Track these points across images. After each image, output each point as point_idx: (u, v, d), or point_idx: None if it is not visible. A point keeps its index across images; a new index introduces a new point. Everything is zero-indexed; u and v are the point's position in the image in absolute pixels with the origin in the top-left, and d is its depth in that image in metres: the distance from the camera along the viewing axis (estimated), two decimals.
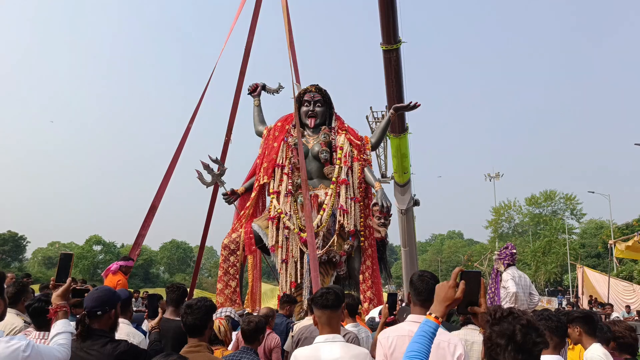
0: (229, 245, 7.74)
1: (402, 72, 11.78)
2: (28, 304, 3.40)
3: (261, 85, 8.93)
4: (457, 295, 1.92)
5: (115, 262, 6.94)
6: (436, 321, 1.91)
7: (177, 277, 60.20)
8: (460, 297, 1.92)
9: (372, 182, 7.72)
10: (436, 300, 1.95)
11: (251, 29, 8.90)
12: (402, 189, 17.15)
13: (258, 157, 8.39)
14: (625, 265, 27.88)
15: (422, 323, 1.92)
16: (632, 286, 19.69)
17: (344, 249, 7.58)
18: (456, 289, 1.94)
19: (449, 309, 1.93)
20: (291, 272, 7.46)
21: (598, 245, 42.21)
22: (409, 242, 19.24)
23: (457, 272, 1.96)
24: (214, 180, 8.15)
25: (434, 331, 1.89)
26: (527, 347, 1.60)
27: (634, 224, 33.59)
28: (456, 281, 1.95)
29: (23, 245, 60.91)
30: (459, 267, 2.05)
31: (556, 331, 2.94)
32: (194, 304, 3.14)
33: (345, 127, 8.28)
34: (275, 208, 7.74)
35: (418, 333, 1.89)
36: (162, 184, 7.91)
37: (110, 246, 64.34)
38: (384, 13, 10.17)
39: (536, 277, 44.14)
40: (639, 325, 10.72)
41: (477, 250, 56.25)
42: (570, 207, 56.24)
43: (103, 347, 2.63)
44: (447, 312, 1.93)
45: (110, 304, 2.80)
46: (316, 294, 3.06)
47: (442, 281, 2.06)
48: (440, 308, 1.93)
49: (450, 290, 1.93)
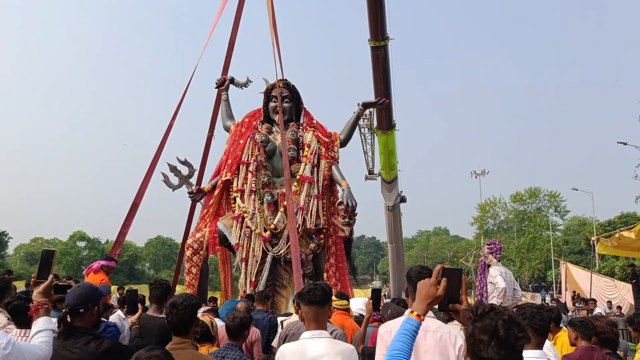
0: (192, 245, 7.65)
1: (389, 69, 11.83)
2: (8, 302, 3.34)
3: (229, 79, 8.75)
4: (439, 293, 1.93)
5: (97, 262, 6.85)
6: (418, 319, 1.92)
7: (162, 273, 59.77)
8: (441, 294, 1.92)
9: (339, 180, 7.69)
10: (418, 298, 1.95)
11: (235, 25, 8.82)
12: (389, 185, 17.23)
13: (224, 154, 8.27)
14: (607, 262, 28.35)
15: (405, 321, 1.92)
16: (614, 282, 20.03)
17: (310, 247, 7.57)
18: (438, 286, 1.95)
19: (430, 307, 1.94)
20: (251, 271, 7.45)
21: (581, 241, 42.92)
22: (395, 239, 19.34)
23: (438, 270, 1.96)
24: (181, 183, 8.01)
25: (416, 329, 1.90)
26: (509, 342, 1.61)
27: (615, 221, 34.20)
28: (438, 279, 1.95)
29: (5, 241, 59.83)
30: (441, 264, 2.05)
31: (540, 330, 2.97)
32: (180, 303, 3.08)
33: (314, 124, 8.20)
34: (239, 207, 7.70)
35: (400, 331, 1.89)
36: (143, 182, 7.83)
37: (95, 242, 63.63)
38: (372, 10, 10.19)
39: (520, 273, 44.72)
40: (619, 320, 10.95)
41: (463, 247, 56.72)
42: (554, 205, 57.06)
43: (86, 345, 2.60)
44: (428, 309, 1.94)
45: (93, 301, 2.76)
46: (303, 289, 3.05)
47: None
48: (422, 306, 1.93)
49: (432, 287, 1.94)
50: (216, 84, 8.75)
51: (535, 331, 2.95)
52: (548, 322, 3.07)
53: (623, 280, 20.49)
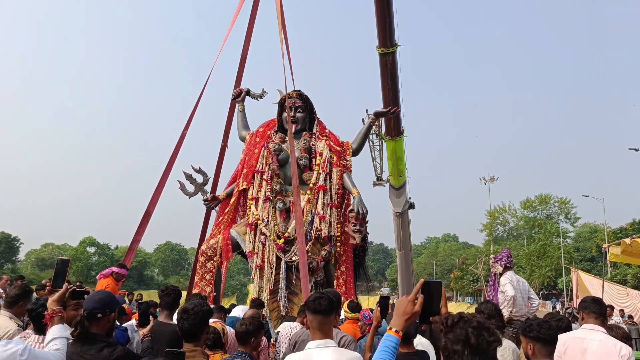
0: (206, 252, 7.76)
1: (398, 76, 11.82)
2: (30, 308, 3.39)
3: (245, 91, 8.97)
4: (416, 309, 1.94)
5: (110, 268, 6.90)
6: (397, 335, 1.93)
7: (171, 279, 59.99)
8: (418, 310, 1.93)
9: (350, 188, 7.80)
10: (395, 315, 1.97)
11: (247, 37, 8.95)
12: (398, 192, 17.14)
13: (240, 163, 8.42)
14: (619, 269, 28.03)
15: (384, 338, 1.95)
16: (626, 290, 19.77)
17: (321, 255, 7.61)
18: (416, 301, 1.96)
19: (408, 322, 1.95)
20: (267, 278, 7.50)
21: (592, 248, 42.49)
22: (404, 245, 19.22)
23: (418, 287, 1.97)
24: (196, 190, 8.15)
25: (395, 345, 1.92)
26: (482, 347, 1.64)
27: (627, 228, 33.84)
28: (416, 295, 1.96)
29: (16, 247, 60.43)
30: (422, 279, 2.06)
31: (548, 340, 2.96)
32: (191, 309, 3.10)
33: (326, 133, 8.32)
34: (253, 214, 7.79)
35: (381, 348, 1.92)
36: (156, 190, 7.93)
37: (105, 248, 63.99)
38: (380, 16, 10.20)
39: (531, 280, 44.21)
40: (632, 329, 10.78)
41: (472, 254, 56.36)
42: (564, 211, 56.59)
43: (100, 352, 2.62)
44: (406, 325, 1.95)
45: (110, 307, 2.80)
46: (309, 298, 3.05)
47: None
48: (399, 322, 1.94)
49: (410, 304, 1.95)
50: (233, 96, 8.93)
51: (544, 341, 2.93)
52: (556, 331, 3.05)
53: (636, 288, 20.24)
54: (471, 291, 52.99)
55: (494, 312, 4.11)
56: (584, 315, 3.88)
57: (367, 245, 8.44)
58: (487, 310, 4.13)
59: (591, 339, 3.61)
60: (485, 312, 4.11)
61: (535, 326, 2.99)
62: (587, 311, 3.86)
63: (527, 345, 3.00)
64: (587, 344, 3.59)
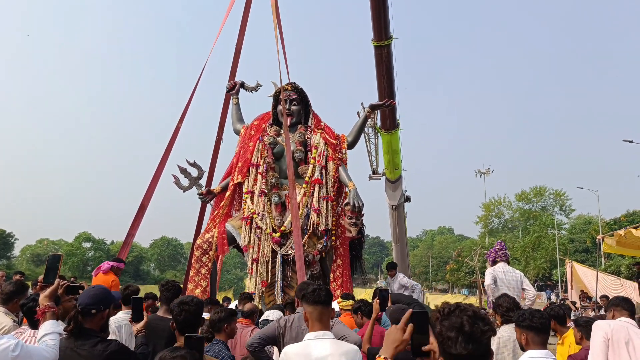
0: (202, 246, 7.73)
1: (393, 68, 11.80)
2: (22, 303, 3.37)
3: (240, 83, 8.88)
4: (405, 337, 1.96)
5: (107, 262, 6.83)
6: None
7: (167, 274, 59.99)
8: (407, 338, 1.96)
9: (346, 181, 7.79)
10: (385, 343, 2.00)
11: (241, 30, 8.87)
12: (393, 185, 17.19)
13: (234, 156, 8.37)
14: (613, 260, 28.25)
15: None
16: (620, 280, 19.94)
17: (317, 248, 7.60)
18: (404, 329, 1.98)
19: (398, 350, 1.97)
20: (262, 271, 7.49)
21: (586, 240, 42.70)
22: (400, 238, 19.31)
23: (407, 317, 2.00)
24: (191, 184, 8.12)
25: None
26: (476, 336, 1.68)
27: (621, 219, 34.06)
28: (405, 324, 1.99)
29: (11, 243, 60.20)
30: (410, 309, 2.08)
31: (540, 328, 3.03)
32: (189, 301, 3.10)
33: (322, 126, 8.27)
34: (248, 208, 7.76)
35: None
36: (151, 183, 7.87)
37: (100, 243, 63.88)
38: (375, 9, 10.17)
39: (526, 272, 44.47)
40: None
41: (468, 246, 56.56)
42: (559, 203, 56.86)
43: (93, 347, 2.61)
44: (396, 353, 1.98)
45: (105, 303, 2.78)
46: (307, 290, 3.06)
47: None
48: (389, 350, 1.97)
49: (399, 332, 1.97)
50: (227, 88, 8.85)
51: (536, 330, 3.00)
52: (547, 319, 3.13)
53: (629, 278, 20.39)
54: (467, 283, 53.23)
55: (512, 305, 4.19)
56: (615, 313, 4.19)
57: (364, 238, 8.44)
58: (505, 304, 4.24)
59: (635, 332, 3.98)
60: (504, 306, 4.23)
61: (528, 315, 3.07)
62: (618, 308, 4.18)
63: (520, 335, 3.06)
64: (630, 335, 3.96)
